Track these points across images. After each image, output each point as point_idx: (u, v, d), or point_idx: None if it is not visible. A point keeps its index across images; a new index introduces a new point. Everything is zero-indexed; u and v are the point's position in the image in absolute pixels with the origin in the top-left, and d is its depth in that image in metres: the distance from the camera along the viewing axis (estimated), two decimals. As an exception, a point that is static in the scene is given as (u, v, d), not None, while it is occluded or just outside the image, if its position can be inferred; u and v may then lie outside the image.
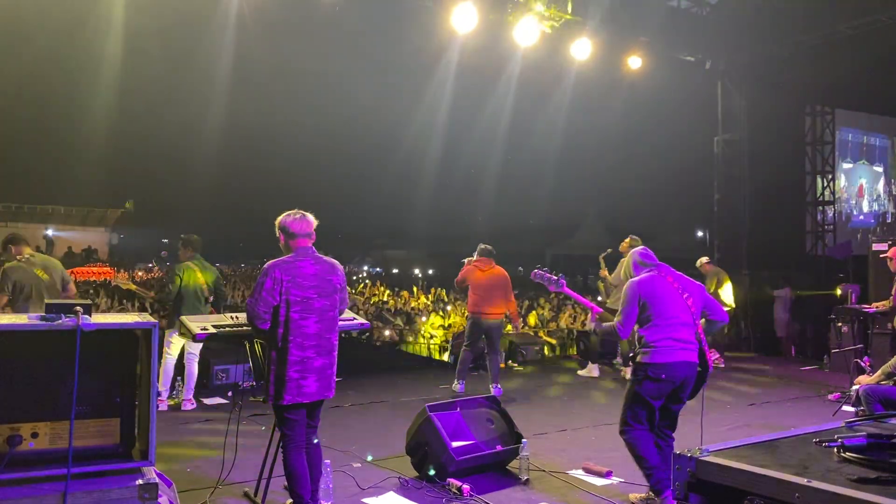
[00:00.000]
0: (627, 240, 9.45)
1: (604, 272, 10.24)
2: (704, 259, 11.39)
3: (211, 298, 7.87)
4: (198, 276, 7.75)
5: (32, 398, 3.00)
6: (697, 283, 4.93)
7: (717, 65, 13.83)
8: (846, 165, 15.77)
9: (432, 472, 5.23)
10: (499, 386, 8.53)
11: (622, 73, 12.97)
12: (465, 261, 9.06)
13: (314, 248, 4.37)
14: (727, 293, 10.91)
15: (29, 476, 2.90)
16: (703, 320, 4.84)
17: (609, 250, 10.15)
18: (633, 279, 4.82)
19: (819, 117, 15.06)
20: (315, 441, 4.41)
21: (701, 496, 2.40)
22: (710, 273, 11.06)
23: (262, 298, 4.12)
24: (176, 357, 7.79)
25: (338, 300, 4.36)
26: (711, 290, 10.93)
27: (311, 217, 4.40)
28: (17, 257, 6.86)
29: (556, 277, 5.22)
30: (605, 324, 4.96)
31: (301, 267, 4.22)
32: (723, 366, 10.93)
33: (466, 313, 9.07)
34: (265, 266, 4.27)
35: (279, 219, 4.37)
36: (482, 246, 9.02)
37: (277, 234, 4.40)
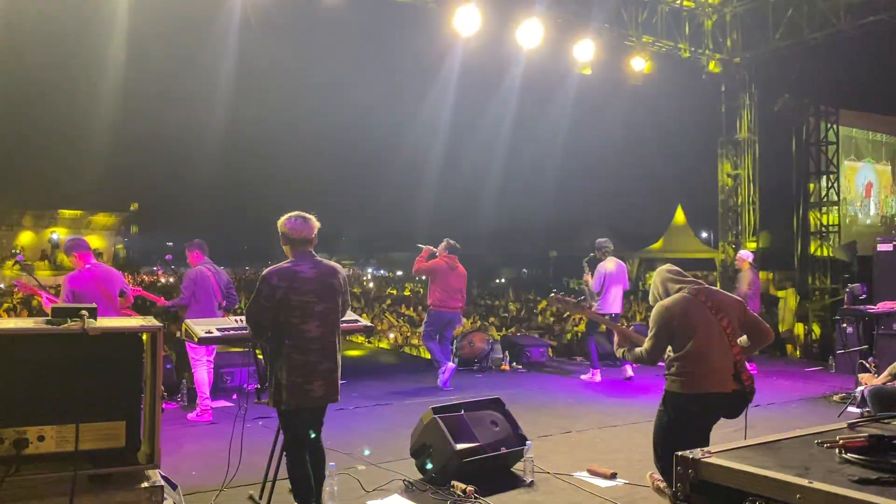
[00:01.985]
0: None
1: (587, 276, 10.20)
2: (744, 254, 10.99)
3: (224, 303, 7.87)
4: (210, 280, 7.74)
5: (39, 402, 3.01)
6: (735, 298, 4.52)
7: (721, 66, 13.83)
8: (851, 164, 15.71)
9: (432, 469, 5.24)
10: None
11: (625, 75, 12.99)
12: (426, 247, 9.41)
13: (313, 253, 4.36)
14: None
15: (36, 479, 2.92)
16: (743, 338, 4.42)
17: (592, 254, 10.12)
18: (662, 302, 4.37)
19: (824, 117, 15.03)
20: (319, 444, 4.41)
21: (704, 497, 2.40)
22: (746, 276, 10.75)
23: (261, 305, 4.14)
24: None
25: (339, 303, 4.35)
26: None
27: (312, 219, 4.37)
28: (80, 265, 6.87)
29: (574, 300, 5.14)
30: (633, 350, 4.53)
31: (299, 272, 4.21)
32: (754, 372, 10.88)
33: (429, 306, 9.49)
34: (263, 273, 4.26)
35: (280, 222, 4.36)
36: (450, 242, 9.37)
37: (279, 238, 4.38)
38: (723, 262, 14.40)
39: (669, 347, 4.31)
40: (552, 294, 5.37)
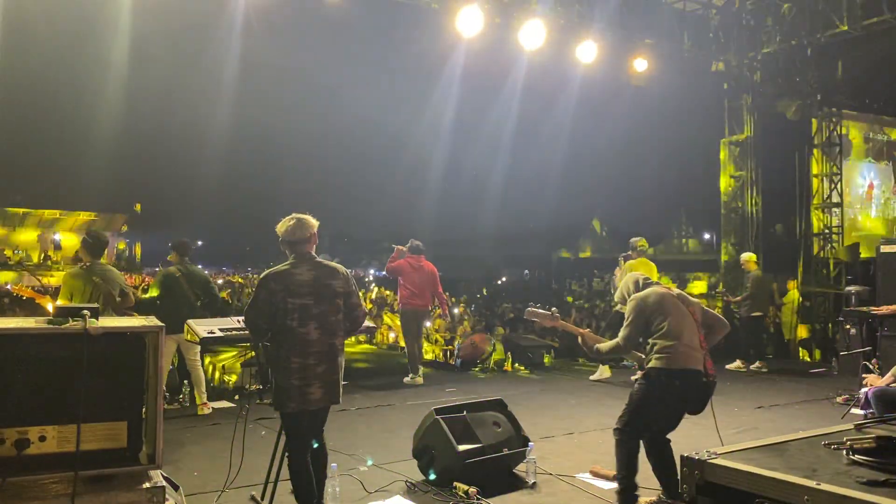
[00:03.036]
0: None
1: (618, 271, 10.21)
2: (747, 256, 11.27)
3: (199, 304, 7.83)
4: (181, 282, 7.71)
5: (40, 402, 3.00)
6: (695, 301, 4.94)
7: (724, 66, 13.81)
8: (853, 163, 15.62)
9: (434, 471, 5.23)
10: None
11: (628, 76, 12.97)
12: (397, 248, 9.95)
13: (313, 254, 4.34)
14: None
15: (37, 479, 2.91)
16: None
17: (628, 252, 10.14)
18: (637, 294, 4.78)
19: (826, 119, 14.99)
20: (321, 446, 4.41)
21: (709, 499, 2.39)
22: (753, 278, 11.00)
23: (259, 309, 4.16)
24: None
25: (339, 305, 4.31)
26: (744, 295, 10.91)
27: (307, 219, 4.35)
28: (79, 265, 6.86)
29: (548, 312, 5.36)
30: (601, 345, 4.97)
31: (296, 274, 4.21)
32: (745, 370, 10.91)
33: (398, 307, 10.13)
34: (261, 277, 4.30)
35: (278, 227, 4.37)
36: (414, 243, 9.89)
37: (279, 241, 4.39)
38: (726, 264, 14.36)
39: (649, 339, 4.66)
40: (528, 308, 5.47)
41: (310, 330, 4.16)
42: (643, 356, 4.74)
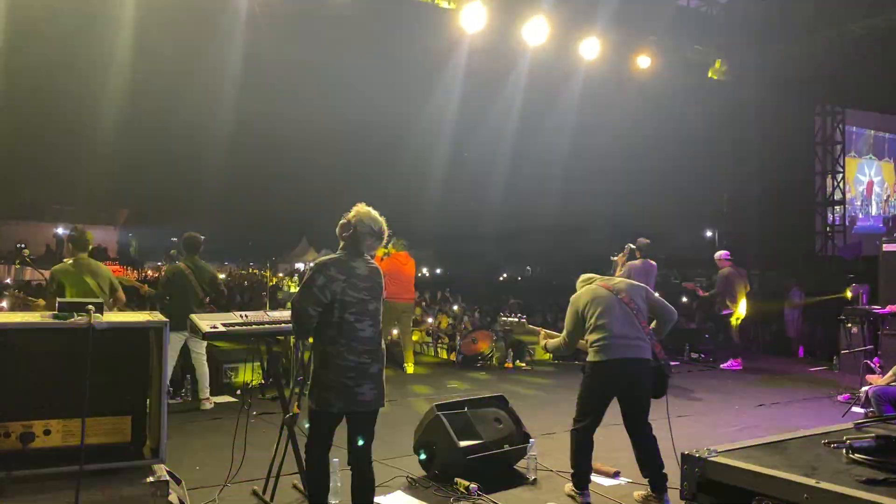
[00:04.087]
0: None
1: (621, 258, 10.21)
2: (723, 254, 11.41)
3: (208, 299, 7.87)
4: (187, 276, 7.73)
5: (45, 396, 3.02)
6: (638, 284, 5.18)
7: (727, 64, 13.79)
8: (853, 160, 15.62)
9: (435, 466, 5.25)
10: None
11: (631, 73, 12.96)
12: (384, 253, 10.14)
13: (363, 252, 4.06)
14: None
15: (42, 473, 2.93)
16: (653, 323, 5.06)
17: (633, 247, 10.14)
18: (572, 297, 5.12)
19: (829, 117, 14.98)
20: (368, 463, 4.07)
21: (709, 496, 2.40)
22: (724, 274, 11.07)
23: (313, 296, 3.82)
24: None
25: (381, 307, 4.10)
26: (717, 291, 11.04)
27: (384, 227, 4.08)
28: (66, 259, 6.87)
29: (517, 319, 5.74)
30: (550, 342, 5.36)
31: (355, 267, 3.95)
32: (739, 368, 10.95)
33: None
34: (318, 262, 3.96)
35: (354, 214, 4.02)
36: (394, 240, 10.18)
37: (339, 227, 4.01)
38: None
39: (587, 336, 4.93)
40: (499, 317, 5.67)
41: (365, 327, 3.92)
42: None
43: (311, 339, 4.10)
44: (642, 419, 4.88)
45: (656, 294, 5.25)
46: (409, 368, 10.39)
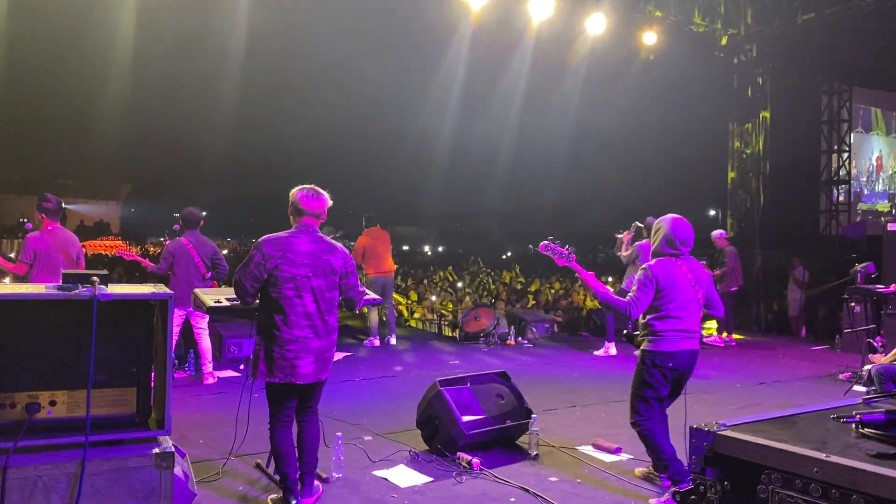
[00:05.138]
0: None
1: (627, 235, 10.05)
2: (718, 233, 11.42)
3: (209, 274, 7.86)
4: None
5: (50, 367, 3.02)
6: (707, 272, 4.88)
7: (734, 41, 13.65)
8: (860, 135, 15.45)
9: (438, 441, 5.27)
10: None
11: (637, 49, 12.84)
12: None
13: (316, 228, 4.24)
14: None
15: (48, 443, 2.94)
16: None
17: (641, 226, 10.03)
18: (650, 263, 4.67)
19: (836, 95, 14.85)
20: (311, 421, 4.35)
21: (718, 470, 2.40)
22: (733, 251, 11.12)
23: (250, 272, 4.02)
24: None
25: (336, 282, 4.20)
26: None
27: (325, 196, 4.27)
28: (42, 228, 6.88)
29: (566, 251, 4.96)
30: (615, 297, 4.72)
31: (295, 244, 4.10)
32: (733, 345, 10.96)
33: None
34: (258, 241, 4.16)
35: (292, 191, 4.25)
36: (367, 216, 10.64)
37: (288, 206, 4.27)
38: (731, 240, 14.31)
39: (646, 315, 4.63)
40: (545, 242, 4.99)
41: (306, 302, 4.06)
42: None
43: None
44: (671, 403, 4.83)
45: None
46: (394, 340, 10.62)
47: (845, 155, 14.80)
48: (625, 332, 5.14)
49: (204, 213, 8.18)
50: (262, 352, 4.08)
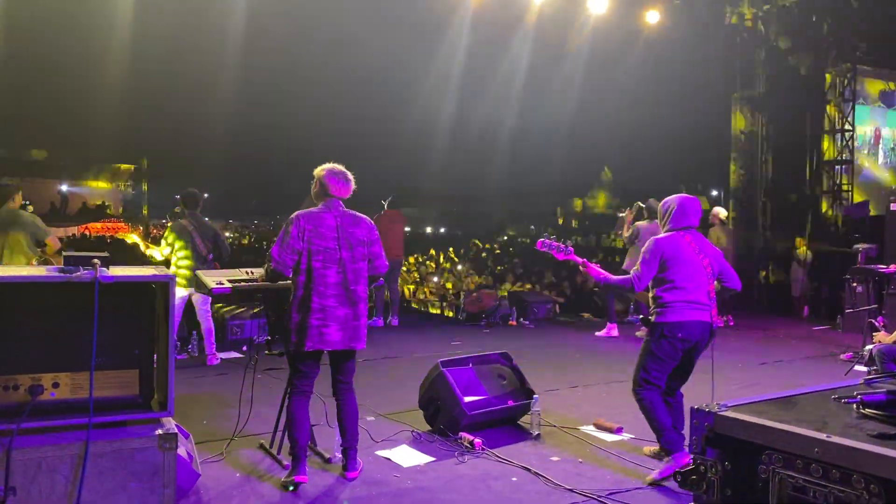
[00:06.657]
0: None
1: (629, 214, 9.97)
2: (718, 210, 11.29)
3: (211, 256, 7.85)
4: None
5: (53, 349, 3.03)
6: (715, 248, 4.90)
7: (737, 19, 13.53)
8: (859, 107, 15.22)
9: (440, 421, 5.29)
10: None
11: (640, 28, 12.74)
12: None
13: (341, 203, 4.43)
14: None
15: (51, 425, 2.95)
16: (716, 284, 4.80)
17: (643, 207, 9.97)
18: (656, 237, 4.76)
19: (841, 74, 14.73)
20: (349, 397, 4.48)
21: (719, 450, 2.40)
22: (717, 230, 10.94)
23: (289, 245, 4.20)
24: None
25: (363, 253, 4.40)
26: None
27: (352, 181, 4.44)
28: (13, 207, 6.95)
29: (563, 246, 5.00)
30: (616, 277, 4.87)
31: (325, 218, 4.30)
32: (732, 325, 10.95)
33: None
34: (292, 216, 4.31)
35: (321, 170, 4.40)
36: (387, 200, 10.77)
37: (313, 183, 4.42)
38: (733, 220, 14.30)
39: (652, 288, 4.69)
40: (541, 239, 5.02)
41: (331, 273, 4.25)
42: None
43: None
44: (685, 382, 4.92)
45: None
46: (396, 321, 10.67)
47: (848, 135, 14.71)
48: (641, 316, 5.14)
49: (205, 195, 8.16)
50: (292, 324, 4.23)
